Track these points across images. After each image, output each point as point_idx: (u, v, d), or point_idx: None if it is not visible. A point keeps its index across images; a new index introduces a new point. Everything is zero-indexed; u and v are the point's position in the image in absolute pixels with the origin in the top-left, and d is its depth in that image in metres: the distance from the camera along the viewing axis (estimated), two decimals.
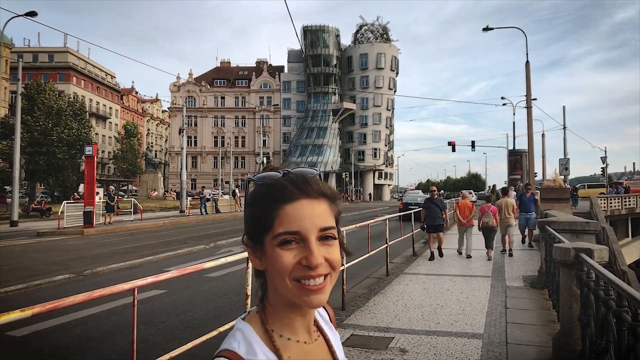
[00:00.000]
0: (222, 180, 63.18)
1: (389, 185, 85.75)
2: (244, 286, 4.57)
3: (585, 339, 4.09)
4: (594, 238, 7.20)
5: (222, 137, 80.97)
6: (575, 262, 4.52)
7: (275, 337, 0.88)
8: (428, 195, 12.97)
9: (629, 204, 32.03)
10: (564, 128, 39.83)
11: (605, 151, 46.07)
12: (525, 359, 4.86)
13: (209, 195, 32.40)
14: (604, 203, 28.83)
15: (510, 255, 12.06)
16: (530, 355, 4.97)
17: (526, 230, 14.34)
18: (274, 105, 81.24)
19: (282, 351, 0.86)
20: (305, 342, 0.90)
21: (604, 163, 44.52)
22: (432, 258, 11.48)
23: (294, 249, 0.83)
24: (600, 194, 34.56)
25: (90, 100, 77.28)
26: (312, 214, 0.84)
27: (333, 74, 77.13)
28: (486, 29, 25.84)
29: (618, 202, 31.13)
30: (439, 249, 11.82)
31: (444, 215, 12.01)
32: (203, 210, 30.09)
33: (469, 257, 11.76)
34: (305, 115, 77.67)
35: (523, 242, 14.39)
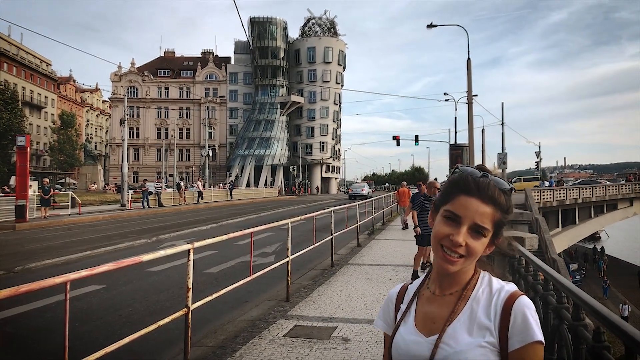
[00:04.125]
0: (165, 173, 61.59)
1: (336, 178, 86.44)
2: (185, 280, 4.49)
3: None
4: (527, 227, 7.60)
5: (166, 129, 78.70)
6: None
7: (426, 284, 1.27)
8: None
9: (560, 197, 33.95)
10: (502, 124, 41.58)
11: (539, 146, 48.64)
12: None
13: (152, 188, 31.40)
14: (537, 195, 30.42)
15: None
16: None
17: None
18: (220, 96, 79.78)
19: (420, 291, 1.27)
20: (433, 293, 1.23)
21: (538, 157, 46.88)
22: (416, 276, 8.14)
23: (451, 225, 1.16)
24: (535, 186, 36.36)
25: (24, 88, 73.05)
26: (476, 211, 1.15)
27: (281, 66, 76.59)
28: (430, 26, 26.45)
29: (550, 194, 32.93)
30: (424, 264, 8.74)
31: None
32: (145, 204, 29.26)
33: (405, 228, 15.33)
34: (253, 107, 76.77)
35: None
